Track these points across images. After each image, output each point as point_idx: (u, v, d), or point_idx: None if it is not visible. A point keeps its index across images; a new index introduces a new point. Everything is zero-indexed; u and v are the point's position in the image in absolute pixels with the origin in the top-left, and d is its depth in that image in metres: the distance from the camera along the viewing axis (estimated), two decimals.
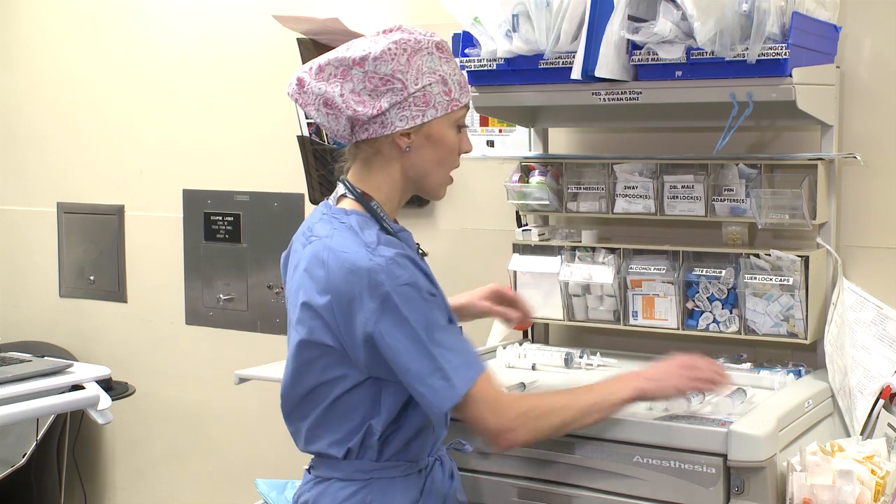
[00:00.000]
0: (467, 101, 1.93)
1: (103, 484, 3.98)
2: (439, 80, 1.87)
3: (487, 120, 2.92)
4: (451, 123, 1.91)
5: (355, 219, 1.87)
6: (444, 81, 1.88)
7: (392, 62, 1.85)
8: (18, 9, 4.00)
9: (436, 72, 1.87)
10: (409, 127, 1.87)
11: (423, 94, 1.86)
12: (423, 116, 1.87)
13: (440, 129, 1.89)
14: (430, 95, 1.86)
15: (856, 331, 2.38)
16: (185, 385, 3.69)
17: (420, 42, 1.87)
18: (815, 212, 2.33)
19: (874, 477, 1.92)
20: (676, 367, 1.96)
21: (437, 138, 1.90)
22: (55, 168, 3.97)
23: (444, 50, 1.90)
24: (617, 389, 1.92)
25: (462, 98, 1.91)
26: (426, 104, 1.86)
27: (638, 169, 2.51)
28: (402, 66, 1.85)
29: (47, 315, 4.02)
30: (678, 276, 2.44)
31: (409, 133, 1.88)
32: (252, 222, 3.45)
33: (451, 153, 1.93)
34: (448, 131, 1.91)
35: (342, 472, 1.91)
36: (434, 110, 1.87)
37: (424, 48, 1.87)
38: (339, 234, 1.85)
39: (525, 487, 2.12)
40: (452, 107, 1.89)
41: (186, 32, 3.58)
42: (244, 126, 3.47)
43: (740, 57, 2.10)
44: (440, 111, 1.88)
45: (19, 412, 2.85)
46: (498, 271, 2.71)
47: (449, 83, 1.89)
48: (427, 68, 1.87)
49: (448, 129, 1.91)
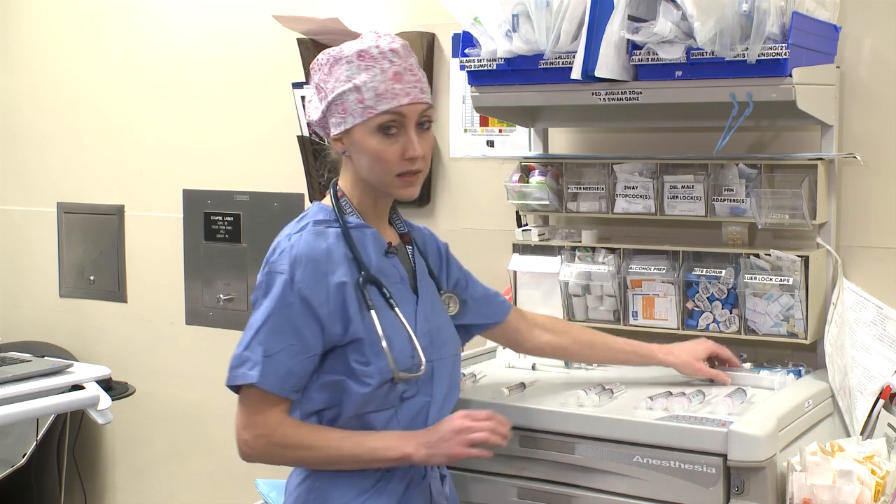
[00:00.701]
0: (386, 108, 1.88)
1: (103, 484, 3.98)
2: (353, 88, 1.89)
3: (487, 120, 2.92)
4: (372, 130, 1.90)
5: (313, 209, 1.99)
6: (358, 90, 1.89)
7: (319, 72, 1.95)
8: (18, 9, 3.99)
9: (350, 80, 1.90)
10: (337, 133, 1.94)
11: (341, 103, 1.91)
12: (345, 123, 1.92)
13: (361, 136, 1.91)
14: (346, 103, 1.91)
15: (856, 331, 2.38)
16: (185, 385, 3.69)
17: (342, 51, 1.92)
18: (815, 212, 2.33)
19: (874, 477, 1.92)
20: (451, 432, 1.92)
21: (359, 144, 1.92)
22: (55, 168, 3.96)
23: (366, 58, 1.90)
24: (386, 449, 1.90)
25: (378, 106, 1.88)
26: (344, 111, 1.91)
27: (638, 169, 2.51)
28: (325, 76, 1.93)
29: (47, 315, 4.02)
30: (678, 276, 2.44)
31: (341, 138, 1.94)
32: (252, 222, 3.45)
33: (379, 158, 1.91)
34: (369, 138, 1.91)
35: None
36: (352, 118, 1.91)
37: (344, 57, 1.91)
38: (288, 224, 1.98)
39: (525, 487, 2.12)
40: (367, 114, 1.89)
41: (186, 32, 3.58)
42: (244, 126, 3.47)
43: (740, 57, 2.10)
44: (357, 118, 1.90)
45: (19, 412, 2.85)
46: (498, 271, 2.71)
47: (363, 91, 1.89)
48: (344, 77, 1.90)
49: (368, 135, 1.90)
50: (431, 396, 1.98)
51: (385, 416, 1.93)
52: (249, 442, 1.90)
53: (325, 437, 1.91)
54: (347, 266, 1.91)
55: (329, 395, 1.92)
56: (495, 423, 1.95)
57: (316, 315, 1.87)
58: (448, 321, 2.09)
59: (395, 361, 1.89)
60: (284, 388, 1.87)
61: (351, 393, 1.90)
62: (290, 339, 1.86)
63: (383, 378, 1.90)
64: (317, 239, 1.90)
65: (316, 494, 1.95)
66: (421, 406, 1.97)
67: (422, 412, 1.97)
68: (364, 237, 1.97)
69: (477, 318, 2.19)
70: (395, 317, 1.94)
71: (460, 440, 1.92)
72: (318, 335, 1.88)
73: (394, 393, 1.93)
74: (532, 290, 2.63)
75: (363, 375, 1.89)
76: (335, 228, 1.94)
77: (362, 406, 1.91)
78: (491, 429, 1.94)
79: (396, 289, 1.97)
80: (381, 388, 1.90)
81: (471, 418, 1.94)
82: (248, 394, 1.89)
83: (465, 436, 1.92)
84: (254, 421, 1.89)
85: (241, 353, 1.88)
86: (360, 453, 1.90)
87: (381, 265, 1.97)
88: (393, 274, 1.99)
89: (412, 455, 1.90)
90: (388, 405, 1.93)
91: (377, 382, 1.89)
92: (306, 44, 3.11)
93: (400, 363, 1.90)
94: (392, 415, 1.94)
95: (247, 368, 1.87)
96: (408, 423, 1.95)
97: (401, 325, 1.94)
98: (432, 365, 1.97)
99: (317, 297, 1.87)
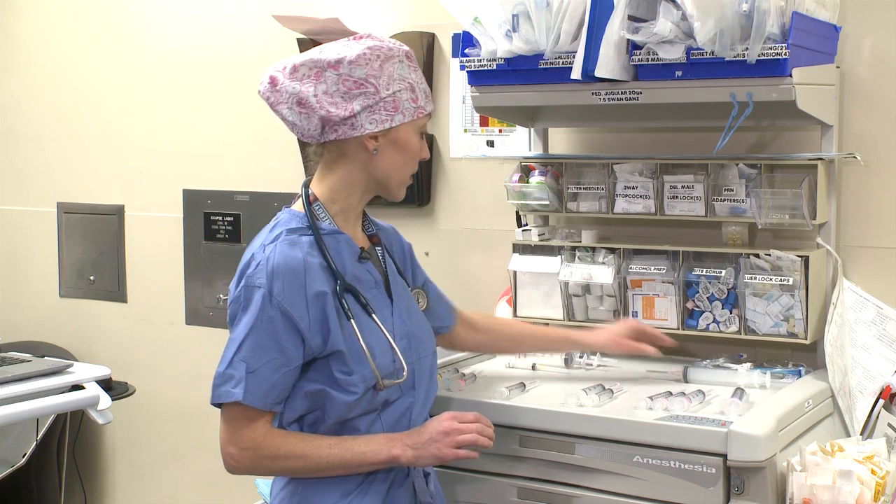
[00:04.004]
0: (431, 109, 2.00)
1: (103, 484, 3.98)
2: (408, 87, 1.94)
3: (487, 120, 2.92)
4: (416, 130, 1.98)
5: (285, 217, 1.97)
6: (412, 89, 1.95)
7: (366, 67, 1.91)
8: (18, 9, 3.99)
9: (405, 79, 1.94)
10: (378, 130, 1.93)
11: (393, 100, 1.92)
12: (392, 121, 1.93)
13: (406, 134, 1.96)
14: (399, 101, 1.93)
15: (856, 331, 2.38)
16: (185, 385, 3.69)
17: (392, 50, 1.94)
18: (815, 212, 2.33)
19: (874, 477, 1.92)
20: (438, 434, 1.93)
21: (403, 143, 1.96)
22: (55, 168, 3.96)
23: (412, 59, 1.97)
24: (374, 452, 1.91)
25: (427, 106, 1.98)
26: (395, 109, 1.93)
27: (638, 169, 2.51)
28: (376, 72, 1.91)
29: (47, 315, 4.02)
30: (678, 276, 2.44)
31: (377, 136, 1.94)
32: (252, 222, 3.45)
33: (414, 157, 2.00)
34: (413, 136, 1.98)
35: None
36: (402, 116, 1.94)
37: (396, 56, 1.94)
38: (260, 233, 1.96)
39: (525, 487, 2.12)
40: (418, 114, 1.96)
41: (187, 33, 3.58)
42: (244, 126, 3.47)
43: (740, 57, 2.10)
44: (407, 117, 1.94)
45: (19, 412, 2.84)
46: (498, 271, 2.71)
47: (416, 91, 1.96)
48: (398, 75, 1.93)
49: (413, 134, 1.97)
50: (414, 398, 1.99)
51: (368, 419, 1.94)
52: (235, 456, 1.90)
53: (313, 445, 1.90)
54: (323, 275, 1.90)
55: (311, 402, 1.92)
56: (482, 426, 1.96)
57: (297, 328, 1.86)
58: (422, 318, 2.11)
59: (378, 368, 1.90)
60: (268, 402, 1.87)
61: (334, 401, 1.90)
62: (273, 353, 1.86)
63: (367, 386, 1.90)
64: (292, 249, 1.89)
65: (299, 498, 1.95)
66: (405, 408, 1.98)
67: (406, 414, 1.98)
68: (338, 244, 1.96)
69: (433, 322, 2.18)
70: (374, 324, 1.94)
71: (448, 442, 1.93)
72: (300, 347, 1.87)
73: (377, 398, 1.93)
74: (532, 290, 2.63)
75: (347, 385, 1.89)
76: (308, 236, 1.93)
77: (345, 413, 1.91)
78: (479, 430, 1.95)
79: (372, 294, 1.98)
80: (365, 395, 1.91)
81: (458, 420, 1.95)
82: (231, 410, 1.89)
83: (453, 437, 1.93)
84: (239, 436, 1.89)
85: (224, 370, 1.88)
86: (349, 459, 1.90)
87: (355, 271, 1.97)
88: (367, 279, 1.99)
89: (400, 457, 1.91)
90: (372, 409, 1.94)
91: (361, 391, 1.90)
92: (306, 44, 3.11)
93: (382, 369, 1.91)
94: (375, 418, 1.95)
95: (230, 386, 1.86)
96: (392, 425, 1.96)
97: (380, 331, 1.94)
98: (413, 367, 1.98)
99: (296, 309, 1.86)
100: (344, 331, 1.89)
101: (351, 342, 1.89)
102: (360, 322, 1.92)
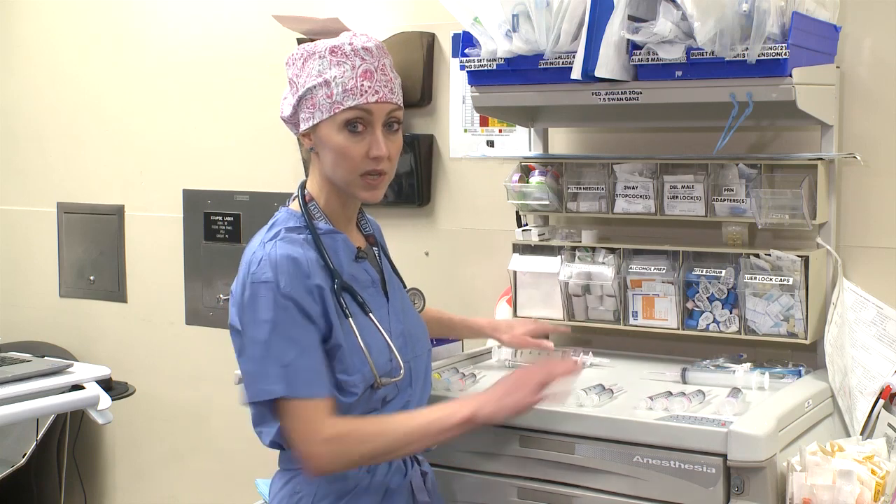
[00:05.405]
0: (352, 103, 1.88)
1: (103, 484, 3.98)
2: (322, 83, 1.89)
3: (487, 120, 2.92)
4: (338, 126, 1.89)
5: (283, 216, 1.97)
6: (327, 84, 1.89)
7: (292, 66, 1.94)
8: (18, 9, 4.00)
9: (321, 75, 1.89)
10: (305, 129, 1.93)
11: (310, 97, 1.90)
12: (313, 118, 1.91)
13: (326, 132, 1.90)
14: (315, 98, 1.90)
15: (856, 331, 2.38)
16: (185, 385, 3.69)
17: (315, 46, 1.92)
18: (815, 212, 2.33)
19: (874, 477, 1.92)
20: (511, 386, 1.94)
21: (325, 140, 1.91)
22: (55, 168, 3.96)
23: (338, 54, 1.90)
24: (447, 416, 1.89)
25: (345, 101, 1.88)
26: (313, 107, 1.91)
27: (638, 169, 2.51)
28: (298, 70, 1.93)
29: (47, 315, 4.02)
30: (678, 276, 2.44)
31: (309, 134, 1.94)
32: (252, 222, 3.45)
33: (344, 156, 1.90)
34: (335, 134, 1.90)
35: (282, 463, 2.00)
36: (320, 112, 1.90)
37: (317, 52, 1.91)
38: (259, 233, 1.96)
39: (525, 487, 2.12)
40: (335, 109, 1.88)
41: (186, 32, 3.58)
42: (244, 126, 3.47)
43: (740, 57, 2.10)
44: (325, 114, 1.89)
45: (19, 412, 2.85)
46: (498, 271, 2.71)
47: (332, 86, 1.88)
48: (316, 72, 1.90)
49: (335, 132, 1.90)
50: (410, 395, 2.00)
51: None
52: (322, 453, 1.84)
53: (386, 421, 1.89)
54: (322, 273, 1.90)
55: None
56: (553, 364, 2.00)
57: (308, 315, 1.86)
58: (417, 317, 2.11)
59: (375, 366, 1.90)
60: (319, 389, 1.84)
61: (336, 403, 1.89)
62: (300, 341, 1.84)
63: (366, 385, 1.91)
64: (292, 246, 1.89)
65: (297, 499, 1.94)
66: (401, 406, 1.98)
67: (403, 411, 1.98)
68: (335, 243, 1.96)
69: None
70: (371, 323, 1.94)
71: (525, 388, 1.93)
72: (315, 332, 1.87)
73: (375, 397, 1.93)
74: (532, 290, 2.63)
75: (349, 386, 1.89)
76: (306, 235, 1.93)
77: (345, 413, 1.90)
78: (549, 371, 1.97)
79: (368, 293, 1.98)
80: (364, 395, 1.91)
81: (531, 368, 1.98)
82: (297, 408, 1.84)
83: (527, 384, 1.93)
84: (318, 430, 1.83)
85: (256, 369, 1.84)
86: (426, 427, 1.88)
87: (352, 271, 1.97)
88: (364, 279, 1.99)
89: (476, 414, 1.89)
90: (371, 409, 1.94)
91: (361, 391, 1.90)
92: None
93: (379, 368, 1.91)
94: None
95: (269, 383, 1.83)
96: None
97: (377, 330, 1.94)
98: (409, 365, 1.98)
99: (304, 299, 1.85)
100: (343, 328, 1.90)
101: (349, 341, 1.90)
102: (358, 321, 1.92)
